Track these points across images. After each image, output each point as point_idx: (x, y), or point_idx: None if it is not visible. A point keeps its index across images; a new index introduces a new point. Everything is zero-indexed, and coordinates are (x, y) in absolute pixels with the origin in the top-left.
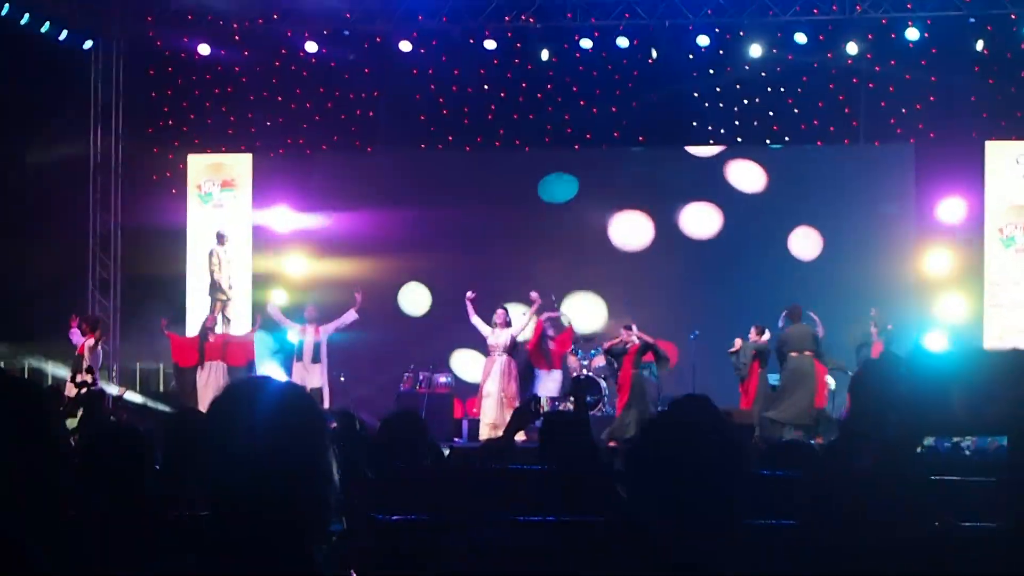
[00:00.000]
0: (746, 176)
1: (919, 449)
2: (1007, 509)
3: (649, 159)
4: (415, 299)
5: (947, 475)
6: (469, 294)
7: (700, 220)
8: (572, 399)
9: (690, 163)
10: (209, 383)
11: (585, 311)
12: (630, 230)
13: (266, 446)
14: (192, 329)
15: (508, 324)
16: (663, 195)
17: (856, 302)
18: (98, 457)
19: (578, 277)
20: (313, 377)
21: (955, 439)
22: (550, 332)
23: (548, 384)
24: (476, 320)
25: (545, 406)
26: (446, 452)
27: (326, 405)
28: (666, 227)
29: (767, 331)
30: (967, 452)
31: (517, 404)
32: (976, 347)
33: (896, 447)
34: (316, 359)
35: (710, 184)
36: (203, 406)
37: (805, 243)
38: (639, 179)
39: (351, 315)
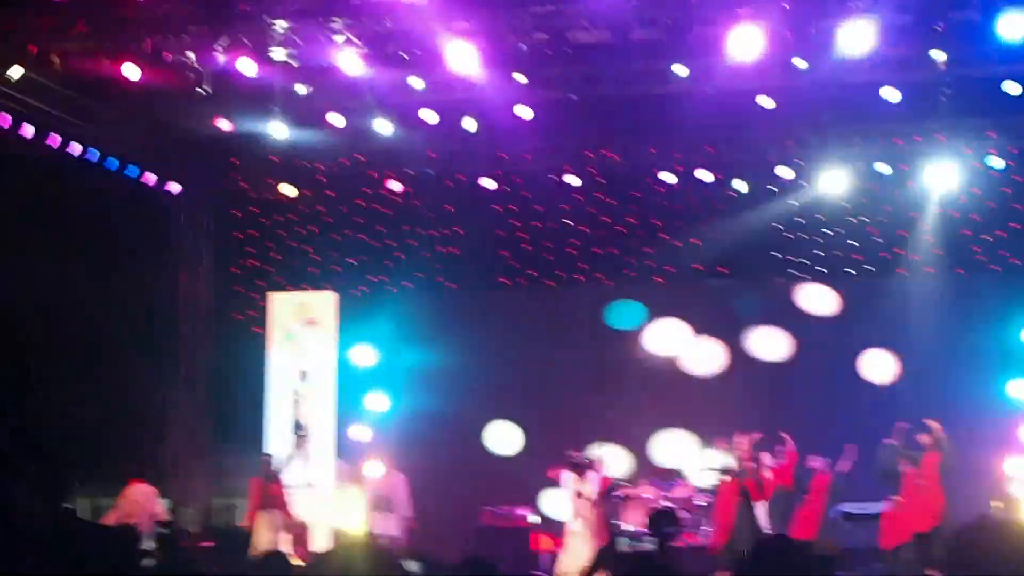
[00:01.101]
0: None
1: None
2: None
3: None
4: (504, 437)
5: None
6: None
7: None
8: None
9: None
10: (268, 532)
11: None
12: (702, 356)
13: None
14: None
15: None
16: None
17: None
18: None
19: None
20: (389, 524)
21: None
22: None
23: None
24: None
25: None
26: None
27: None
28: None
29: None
30: None
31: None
32: None
33: None
34: (390, 508)
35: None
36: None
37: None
38: (712, 307)
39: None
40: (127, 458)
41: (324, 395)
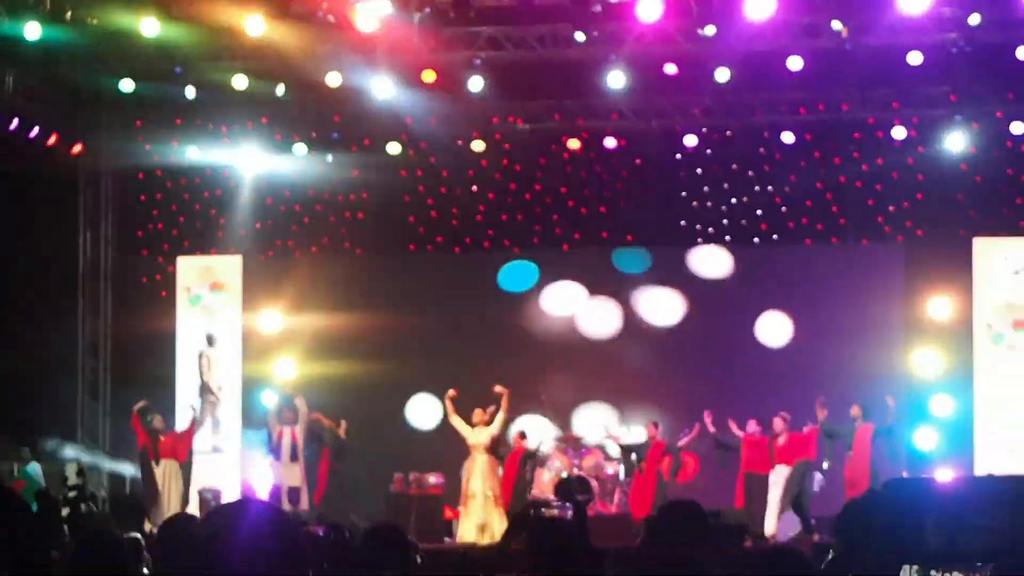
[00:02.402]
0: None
1: None
2: None
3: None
4: (426, 411)
5: None
6: (450, 392)
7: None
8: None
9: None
10: (168, 483)
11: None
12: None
13: (252, 569)
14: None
15: (488, 423)
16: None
17: (848, 400)
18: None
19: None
20: (292, 476)
21: None
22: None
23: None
24: (456, 420)
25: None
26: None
27: (304, 505)
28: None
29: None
30: None
31: (504, 502)
32: (956, 476)
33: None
34: (295, 458)
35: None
36: (163, 504)
37: (778, 334)
38: (610, 272)
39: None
40: (29, 422)
41: (231, 360)
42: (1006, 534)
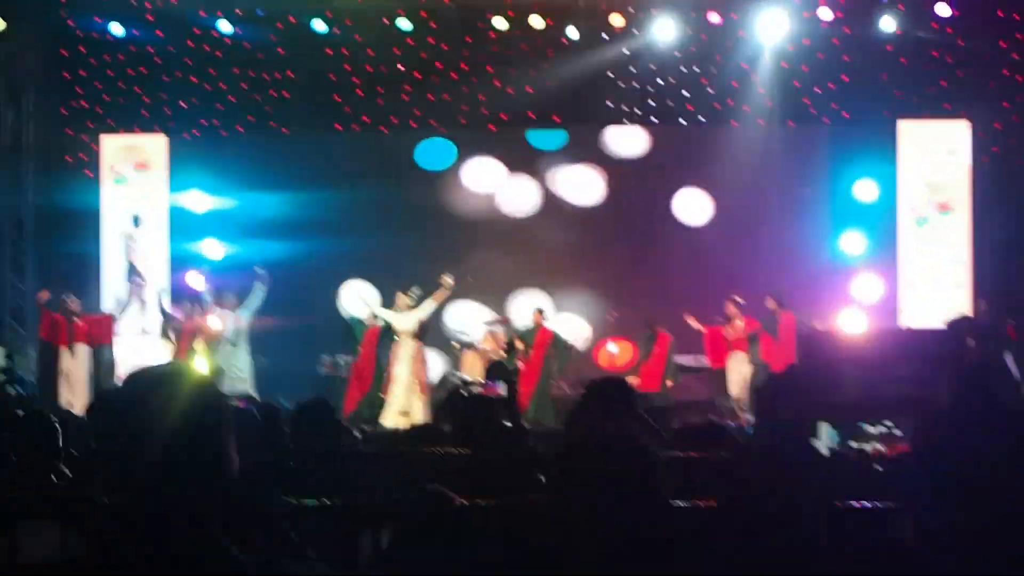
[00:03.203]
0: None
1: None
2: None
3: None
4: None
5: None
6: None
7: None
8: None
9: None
10: (77, 365)
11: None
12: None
13: (174, 432)
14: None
15: (413, 307)
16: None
17: (774, 284)
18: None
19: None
20: (236, 361)
21: (857, 445)
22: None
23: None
24: (386, 312)
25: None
26: (358, 436)
27: (250, 388)
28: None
29: None
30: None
31: (426, 390)
32: (873, 327)
33: (786, 429)
34: (236, 343)
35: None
36: (70, 388)
37: (698, 212)
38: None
39: (260, 291)
40: None
41: (157, 241)
42: (924, 383)
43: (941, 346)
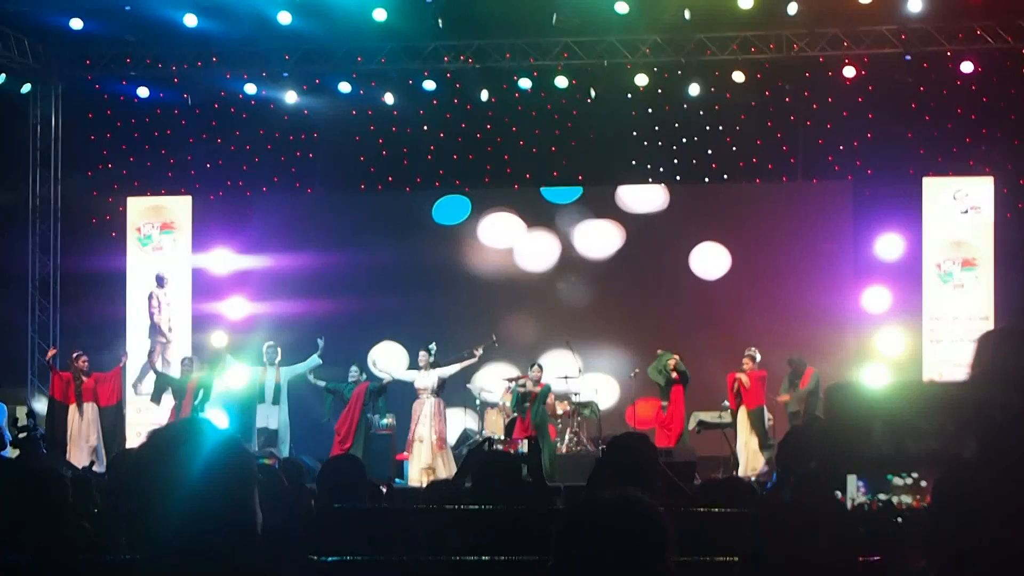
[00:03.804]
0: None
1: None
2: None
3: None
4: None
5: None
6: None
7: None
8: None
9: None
10: (87, 426)
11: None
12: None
13: (197, 489)
14: (133, 370)
15: (433, 365)
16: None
17: (797, 339)
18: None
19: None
20: (272, 418)
21: (885, 497)
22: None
23: None
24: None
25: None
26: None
27: (285, 447)
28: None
29: None
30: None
31: (446, 446)
32: (898, 381)
33: (815, 480)
34: (276, 401)
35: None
36: (76, 448)
37: (716, 267)
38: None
39: (315, 360)
40: None
41: (181, 300)
42: (953, 437)
43: (965, 400)
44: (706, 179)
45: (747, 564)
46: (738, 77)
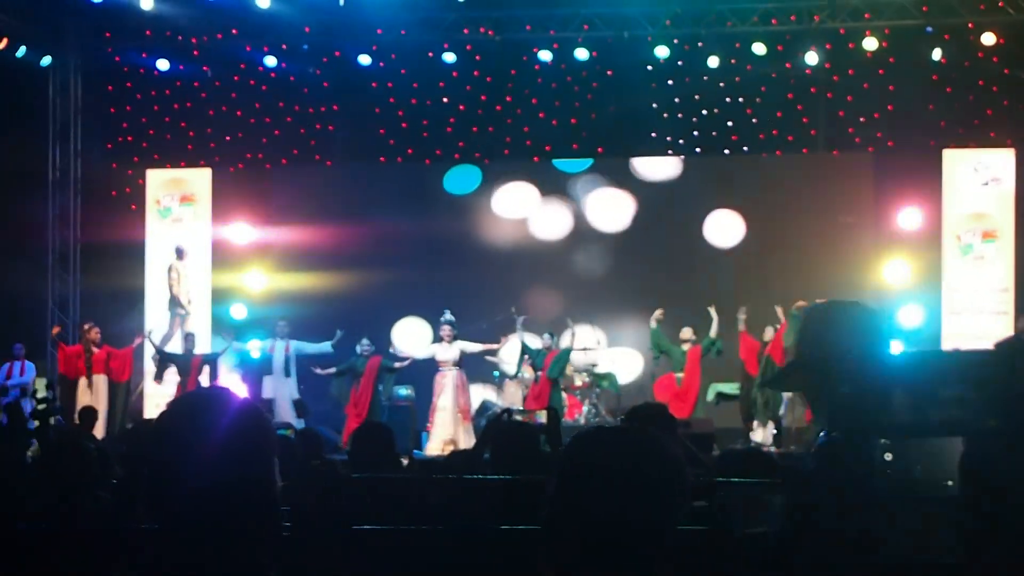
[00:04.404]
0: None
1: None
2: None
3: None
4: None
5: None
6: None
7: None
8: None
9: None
10: (96, 399)
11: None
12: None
13: (218, 457)
14: (148, 344)
15: (456, 337)
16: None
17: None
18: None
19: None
20: (283, 390)
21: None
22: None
23: None
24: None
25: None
26: (404, 462)
27: (294, 419)
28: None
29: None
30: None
31: (471, 417)
32: (919, 350)
33: (839, 446)
34: (288, 374)
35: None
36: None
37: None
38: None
39: (326, 347)
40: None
41: (200, 273)
42: (974, 405)
43: (989, 368)
44: (726, 151)
45: (781, 534)
46: (759, 49)
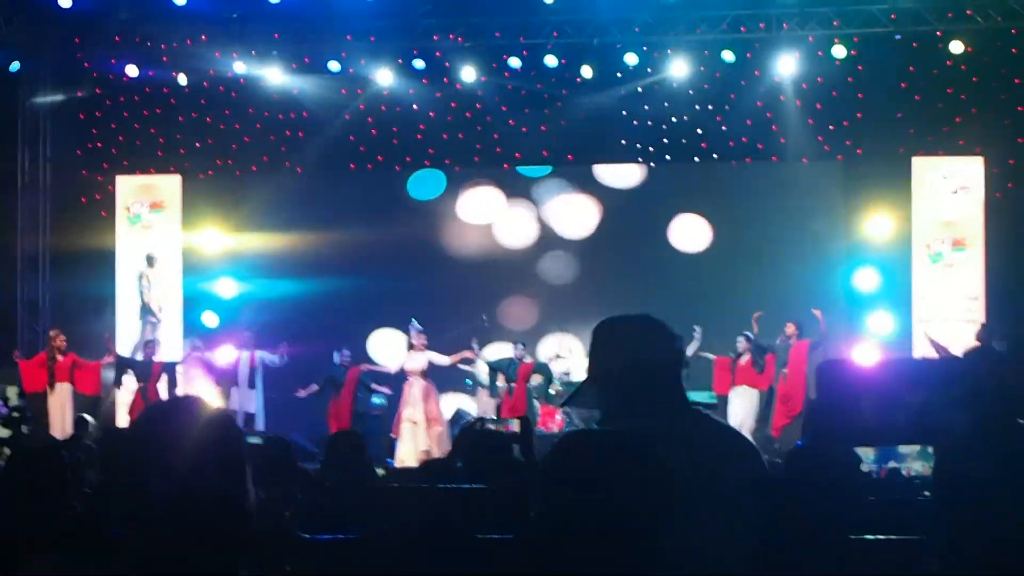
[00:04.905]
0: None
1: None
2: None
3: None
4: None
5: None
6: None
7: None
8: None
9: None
10: (59, 407)
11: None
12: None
13: (190, 466)
14: (123, 350)
15: (426, 346)
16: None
17: (787, 318)
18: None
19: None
20: (249, 402)
21: (894, 465)
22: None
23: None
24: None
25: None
26: (380, 472)
27: (260, 429)
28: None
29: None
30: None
31: (440, 425)
32: (886, 357)
33: (807, 455)
34: (252, 385)
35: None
36: (54, 430)
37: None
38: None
39: (279, 359)
40: None
41: (171, 280)
42: (940, 413)
43: (958, 375)
44: (696, 158)
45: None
46: (728, 56)
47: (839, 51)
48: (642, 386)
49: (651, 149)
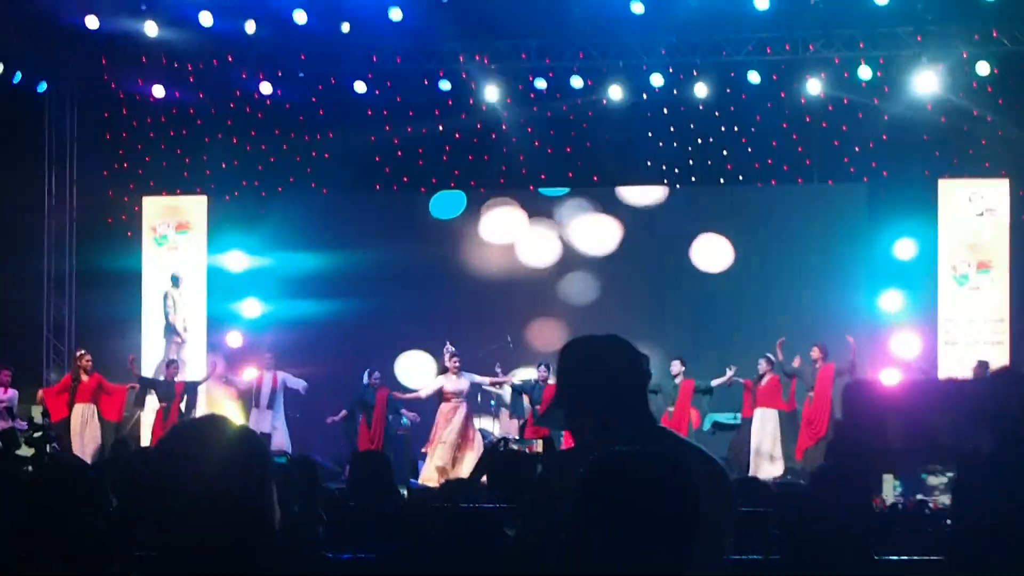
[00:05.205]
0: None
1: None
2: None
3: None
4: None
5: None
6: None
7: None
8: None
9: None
10: (81, 427)
11: None
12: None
13: (216, 485)
14: (148, 370)
15: (459, 368)
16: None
17: (813, 340)
18: (45, 497)
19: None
20: (265, 422)
21: (921, 497)
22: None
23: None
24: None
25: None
26: (404, 492)
27: (282, 448)
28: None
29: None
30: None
31: (473, 450)
32: (912, 378)
33: (831, 476)
34: (271, 405)
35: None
36: (76, 449)
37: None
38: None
39: (302, 386)
40: None
41: (196, 300)
42: (968, 433)
43: (982, 397)
44: (721, 180)
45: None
46: (754, 78)
47: (865, 72)
48: (608, 406)
49: (676, 171)
